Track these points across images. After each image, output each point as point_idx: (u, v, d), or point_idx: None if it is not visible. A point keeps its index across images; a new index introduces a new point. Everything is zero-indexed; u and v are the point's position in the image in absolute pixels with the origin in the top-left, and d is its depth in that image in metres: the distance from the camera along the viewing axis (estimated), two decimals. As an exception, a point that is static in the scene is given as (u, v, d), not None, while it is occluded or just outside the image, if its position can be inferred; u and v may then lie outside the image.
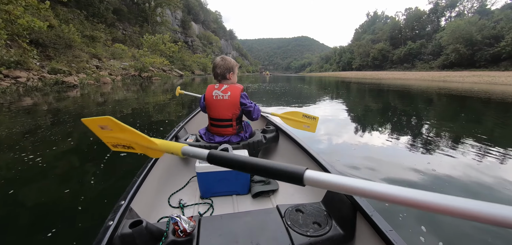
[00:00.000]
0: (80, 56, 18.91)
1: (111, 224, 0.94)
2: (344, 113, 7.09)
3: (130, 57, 27.66)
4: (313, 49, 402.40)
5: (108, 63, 23.20)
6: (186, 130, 2.54)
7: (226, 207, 1.57)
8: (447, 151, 3.54)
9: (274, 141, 2.30)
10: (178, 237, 1.03)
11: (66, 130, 4.35)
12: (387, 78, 39.53)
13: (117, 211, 1.02)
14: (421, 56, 62.41)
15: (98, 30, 27.79)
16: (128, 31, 39.61)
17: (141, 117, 5.91)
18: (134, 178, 1.32)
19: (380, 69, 73.07)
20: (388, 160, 3.21)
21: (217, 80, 1.96)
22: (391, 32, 77.11)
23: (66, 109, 6.73)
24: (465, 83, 24.83)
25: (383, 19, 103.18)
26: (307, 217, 1.21)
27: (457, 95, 12.34)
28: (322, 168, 1.49)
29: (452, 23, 51.72)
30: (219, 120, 1.94)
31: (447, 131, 4.93)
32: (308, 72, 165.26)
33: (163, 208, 1.54)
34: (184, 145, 0.80)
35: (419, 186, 2.50)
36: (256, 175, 1.63)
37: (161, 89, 15.16)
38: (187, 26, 72.59)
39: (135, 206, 1.19)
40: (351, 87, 18.26)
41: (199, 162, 1.61)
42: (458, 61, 47.53)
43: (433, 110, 7.77)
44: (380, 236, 0.94)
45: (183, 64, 44.25)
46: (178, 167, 2.04)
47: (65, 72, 15.07)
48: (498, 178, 2.74)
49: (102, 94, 11.26)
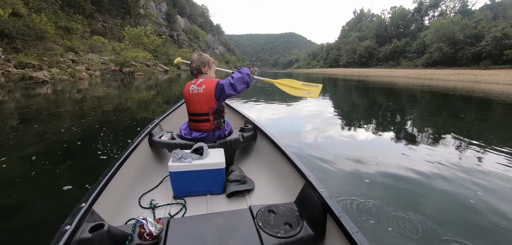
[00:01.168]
0: (53, 49, 17.31)
1: (68, 228, 0.88)
2: (332, 110, 7.16)
3: (111, 51, 25.98)
4: (300, 46, 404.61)
5: (86, 57, 21.60)
6: (162, 127, 2.42)
7: (199, 208, 1.53)
8: (437, 147, 3.75)
9: (251, 140, 2.25)
10: (144, 241, 1.00)
11: (30, 131, 3.95)
12: (374, 75, 40.05)
13: (76, 214, 0.96)
14: (405, 54, 63.70)
15: (75, 21, 25.85)
16: (109, 23, 37.42)
17: (120, 116, 5.39)
18: (99, 178, 1.25)
19: (367, 66, 74.11)
20: (373, 155, 3.25)
21: (193, 75, 1.97)
22: (377, 30, 78.29)
23: (28, 109, 5.84)
24: (450, 81, 25.33)
25: (369, 17, 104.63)
26: (279, 218, 1.20)
27: (446, 93, 12.40)
28: (297, 170, 1.45)
29: (436, 22, 52.97)
30: (196, 115, 1.91)
31: (437, 128, 5.03)
32: (295, 69, 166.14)
33: (132, 209, 1.48)
34: None
35: (403, 179, 2.63)
36: (232, 174, 1.73)
37: (145, 85, 14.23)
38: (172, 19, 70.19)
39: (99, 208, 1.13)
40: (340, 84, 18.19)
41: (172, 160, 1.56)
42: (441, 59, 48.78)
43: (428, 110, 7.76)
44: (347, 237, 0.93)
45: (168, 59, 42.64)
46: (151, 166, 1.98)
47: (35, 67, 13.64)
48: (474, 170, 2.92)
49: (77, 91, 10.22)
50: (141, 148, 1.89)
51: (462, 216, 2.06)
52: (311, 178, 1.30)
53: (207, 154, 1.67)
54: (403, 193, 2.37)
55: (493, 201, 2.28)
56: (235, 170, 1.83)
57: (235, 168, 1.89)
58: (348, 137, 4.11)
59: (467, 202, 2.26)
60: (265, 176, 1.90)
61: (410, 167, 2.90)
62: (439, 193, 2.41)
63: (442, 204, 2.22)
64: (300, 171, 1.41)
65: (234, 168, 1.88)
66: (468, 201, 2.27)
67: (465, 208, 2.18)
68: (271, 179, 1.83)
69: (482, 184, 2.59)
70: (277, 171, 1.81)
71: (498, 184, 2.64)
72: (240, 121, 2.91)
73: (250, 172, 1.99)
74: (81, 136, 3.81)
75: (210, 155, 1.67)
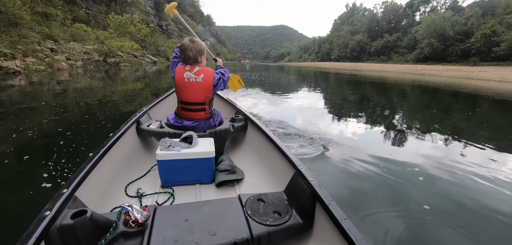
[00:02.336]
0: (29, 37, 15.91)
1: (47, 214, 0.85)
2: (324, 104, 7.00)
3: (94, 40, 24.45)
4: (292, 39, 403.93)
5: (67, 46, 20.17)
6: (150, 116, 2.37)
7: (188, 197, 1.51)
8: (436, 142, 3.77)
9: (242, 131, 2.24)
10: (130, 228, 0.98)
11: (2, 126, 3.67)
12: (366, 69, 39.99)
13: (57, 200, 0.93)
14: (397, 49, 64.19)
15: (55, 6, 24.06)
16: (93, 11, 35.36)
17: (105, 109, 4.98)
18: (83, 164, 1.22)
19: (358, 60, 74.38)
20: (363, 147, 3.28)
21: (187, 63, 1.82)
22: (369, 25, 78.36)
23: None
24: (442, 77, 25.36)
25: (362, 11, 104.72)
26: (268, 207, 1.20)
27: (438, 89, 12.25)
28: (287, 160, 1.45)
29: (427, 18, 53.29)
30: (190, 104, 1.86)
31: (429, 123, 5.00)
32: (287, 62, 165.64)
33: (118, 197, 1.45)
34: None
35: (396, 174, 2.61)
36: (221, 164, 1.76)
37: (132, 76, 13.32)
38: (161, 8, 67.61)
39: (82, 195, 1.11)
40: (332, 78, 17.72)
41: (160, 149, 1.54)
42: (432, 55, 49.31)
43: (427, 107, 7.39)
44: (335, 224, 0.95)
45: (157, 49, 41.04)
46: (139, 154, 1.94)
47: (6, 56, 12.40)
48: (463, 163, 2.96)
49: (57, 82, 9.26)
50: (128, 136, 1.84)
51: (452, 209, 2.09)
52: (301, 167, 1.29)
53: (197, 143, 1.64)
54: (392, 185, 2.39)
55: (476, 193, 2.33)
56: (225, 160, 1.81)
57: (225, 158, 1.87)
58: (339, 129, 4.13)
59: (455, 194, 2.30)
60: (255, 166, 1.90)
61: (400, 160, 2.96)
62: (427, 185, 2.45)
63: (429, 197, 2.24)
64: (290, 161, 1.40)
65: (224, 158, 1.86)
66: (456, 193, 2.32)
67: (455, 202, 2.19)
68: (261, 169, 1.83)
69: (469, 177, 2.62)
70: (267, 161, 1.81)
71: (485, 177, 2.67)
72: (230, 111, 2.88)
73: (240, 162, 1.98)
74: (62, 131, 3.55)
75: (199, 144, 1.64)
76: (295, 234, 1.13)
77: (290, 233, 1.10)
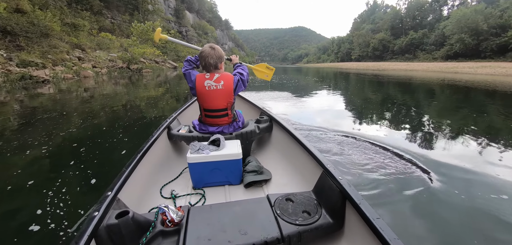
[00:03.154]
0: (58, 46, 16.73)
1: (96, 214, 0.92)
2: (349, 105, 6.55)
3: (118, 47, 25.40)
4: (310, 40, 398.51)
5: (93, 54, 21.05)
6: (179, 121, 2.45)
7: (218, 197, 1.56)
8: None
9: (267, 131, 2.24)
10: (167, 227, 1.03)
11: (40, 132, 3.77)
12: (391, 69, 38.13)
13: (103, 202, 1.00)
14: (423, 46, 60.80)
15: (83, 18, 25.30)
16: (117, 20, 36.94)
17: (132, 114, 5.14)
18: (123, 169, 1.29)
19: (381, 59, 71.43)
20: (392, 149, 3.03)
21: (207, 70, 1.85)
22: (392, 22, 75.12)
23: (34, 110, 5.47)
24: (477, 75, 23.39)
25: (383, 8, 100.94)
26: (296, 206, 1.20)
27: (476, 88, 10.99)
28: (314, 159, 1.44)
29: (457, 12, 49.92)
30: (213, 111, 1.88)
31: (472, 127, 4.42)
32: (305, 63, 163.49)
33: (154, 199, 1.53)
34: None
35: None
36: (249, 165, 1.78)
37: (154, 82, 13.52)
38: (181, 15, 69.50)
39: (124, 197, 1.17)
40: (355, 80, 16.76)
41: (191, 152, 1.59)
42: (463, 51, 46.03)
43: (461, 107, 6.60)
44: (367, 224, 0.92)
45: (177, 55, 42.03)
46: (171, 158, 2.02)
47: (37, 65, 13.04)
48: None
49: (84, 89, 9.50)
50: (160, 141, 1.92)
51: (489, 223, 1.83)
52: (328, 166, 1.28)
53: (224, 146, 1.67)
54: (425, 188, 2.21)
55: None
56: (252, 161, 1.81)
57: (251, 159, 1.87)
58: (368, 131, 3.88)
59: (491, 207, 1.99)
60: (282, 166, 1.89)
61: (434, 162, 2.76)
62: (465, 193, 2.20)
63: (468, 205, 2.02)
64: (318, 160, 1.39)
65: (251, 159, 1.87)
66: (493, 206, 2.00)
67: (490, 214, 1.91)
68: (288, 169, 1.82)
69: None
70: (294, 161, 1.79)
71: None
72: (255, 112, 2.88)
73: (267, 163, 1.98)
74: (91, 135, 3.70)
75: (227, 147, 1.67)
76: (325, 234, 1.12)
77: (320, 233, 1.09)
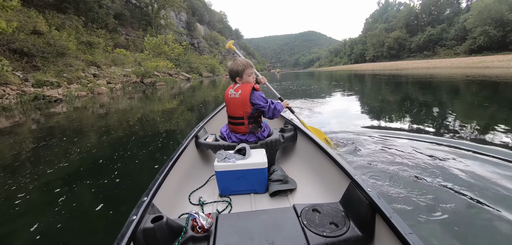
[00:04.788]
0: (74, 65, 16.88)
1: (134, 218, 0.97)
2: (371, 113, 6.09)
3: (133, 62, 25.65)
4: (320, 44, 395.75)
5: (108, 70, 21.24)
6: (206, 130, 2.50)
7: (244, 205, 1.58)
8: None
9: (292, 141, 2.22)
10: (197, 233, 1.05)
11: (60, 150, 3.85)
12: (411, 68, 36.22)
13: (140, 207, 1.04)
14: (442, 42, 58.04)
15: (98, 36, 25.85)
16: (132, 36, 37.79)
17: (146, 127, 5.04)
18: (156, 176, 1.34)
19: (397, 58, 68.94)
20: (422, 160, 2.72)
21: (233, 80, 2.01)
22: (407, 19, 72.69)
23: (52, 129, 5.32)
24: (511, 68, 21.48)
25: (396, 6, 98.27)
26: (324, 217, 1.18)
27: None
28: (341, 169, 1.38)
29: (478, 3, 47.26)
30: (233, 118, 1.98)
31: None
32: (317, 67, 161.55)
33: (183, 205, 1.58)
34: None
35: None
36: (274, 174, 1.77)
37: (168, 94, 13.15)
38: (192, 27, 70.74)
39: (157, 202, 1.21)
40: (372, 81, 15.56)
41: (218, 160, 1.61)
42: (488, 44, 43.33)
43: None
44: (399, 239, 0.90)
45: (190, 66, 42.29)
46: (199, 166, 2.08)
47: (53, 84, 13.03)
48: None
49: (97, 106, 9.19)
50: (189, 150, 1.96)
51: None
52: (356, 177, 1.24)
53: (250, 155, 1.70)
54: (465, 208, 1.86)
55: None
56: (277, 170, 1.82)
57: (277, 168, 1.87)
58: (395, 141, 3.61)
59: None
60: (307, 176, 1.87)
61: (480, 178, 2.29)
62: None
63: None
64: (345, 171, 1.35)
65: (276, 168, 1.87)
66: None
67: None
68: (313, 179, 1.79)
69: None
70: (320, 170, 1.76)
71: None
72: (279, 122, 2.90)
73: (292, 172, 1.97)
74: (112, 149, 3.79)
75: (252, 156, 1.70)
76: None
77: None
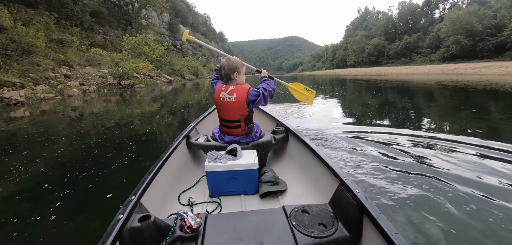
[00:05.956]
0: (42, 64, 15.49)
1: (121, 217, 0.96)
2: (357, 115, 6.37)
3: (110, 63, 24.20)
4: (303, 49, 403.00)
5: (82, 71, 19.82)
6: (198, 130, 2.49)
7: (234, 206, 1.56)
8: None
9: (283, 142, 2.24)
10: (185, 233, 1.05)
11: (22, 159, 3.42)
12: (390, 73, 37.47)
13: (127, 206, 1.04)
14: (418, 49, 60.98)
15: (72, 34, 24.18)
16: (110, 35, 35.90)
17: (117, 141, 4.38)
18: (145, 175, 1.33)
19: (377, 65, 71.46)
20: (408, 160, 2.86)
21: (223, 82, 1.93)
22: (385, 27, 75.77)
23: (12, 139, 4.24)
24: (484, 75, 22.70)
25: (375, 14, 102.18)
26: (312, 218, 1.19)
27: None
28: (331, 171, 1.41)
29: (451, 14, 50.20)
30: (227, 121, 1.93)
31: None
32: (300, 72, 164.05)
33: (173, 205, 1.56)
34: None
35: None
36: (265, 175, 1.75)
37: (148, 97, 12.34)
38: (175, 29, 68.94)
39: (145, 202, 1.21)
40: (356, 86, 15.69)
41: (208, 161, 1.61)
42: (460, 52, 46.05)
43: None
44: (385, 239, 0.92)
45: (172, 68, 40.97)
46: (189, 166, 2.07)
47: (15, 85, 11.77)
48: None
49: (62, 111, 8.24)
50: (179, 150, 1.95)
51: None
52: (345, 179, 1.26)
53: (241, 155, 1.69)
54: (450, 204, 1.93)
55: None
56: (267, 171, 1.82)
57: (267, 169, 1.87)
58: (381, 141, 3.67)
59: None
60: (297, 177, 1.88)
61: (461, 177, 2.38)
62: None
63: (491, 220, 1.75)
64: (334, 172, 1.37)
65: (267, 169, 1.87)
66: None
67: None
68: (304, 180, 1.81)
69: None
70: (310, 172, 1.78)
71: None
72: (271, 123, 2.89)
73: (283, 174, 1.97)
74: (86, 155, 3.53)
75: (243, 156, 1.69)
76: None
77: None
